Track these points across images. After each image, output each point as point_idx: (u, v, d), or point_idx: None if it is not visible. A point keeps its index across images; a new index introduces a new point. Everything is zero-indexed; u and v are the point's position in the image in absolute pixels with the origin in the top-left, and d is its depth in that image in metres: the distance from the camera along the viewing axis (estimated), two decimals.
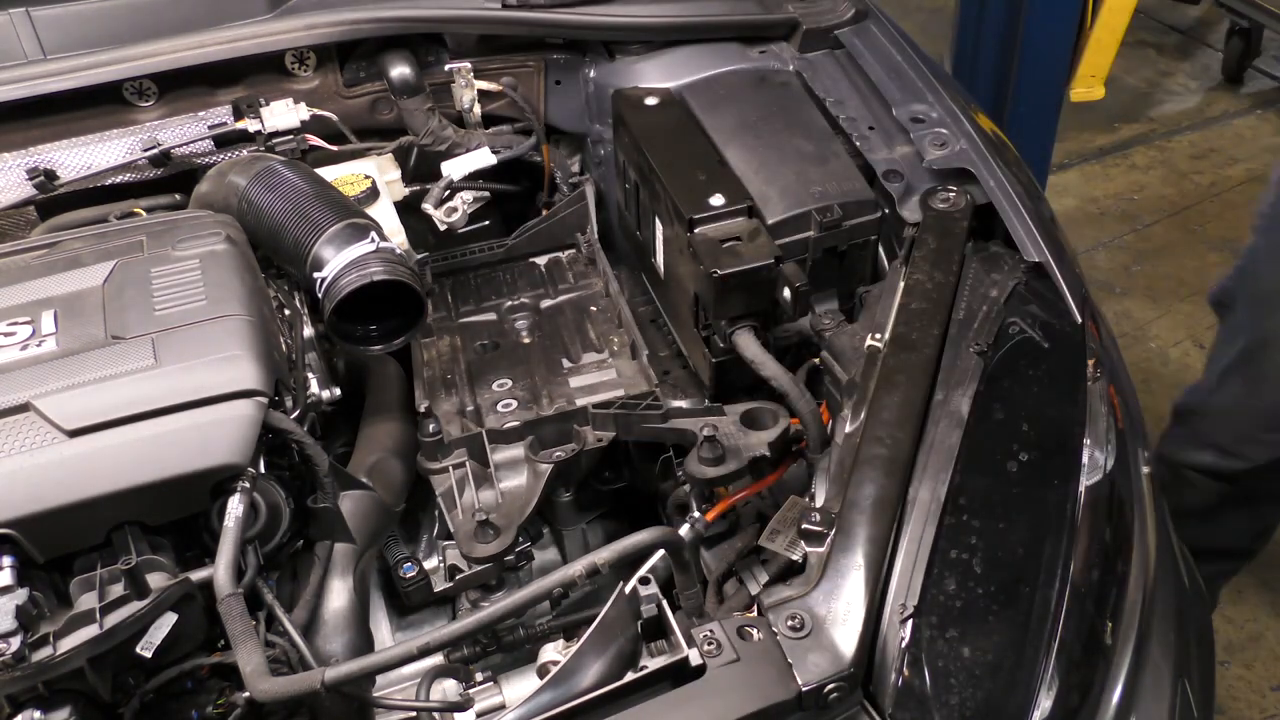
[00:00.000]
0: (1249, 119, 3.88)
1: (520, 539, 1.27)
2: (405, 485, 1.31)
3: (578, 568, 0.92)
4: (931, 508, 0.97)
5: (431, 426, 1.28)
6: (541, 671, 1.01)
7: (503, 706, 1.03)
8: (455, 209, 1.57)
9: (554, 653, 1.01)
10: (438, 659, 1.16)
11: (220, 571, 0.95)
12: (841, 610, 0.89)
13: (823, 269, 1.32)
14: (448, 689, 1.08)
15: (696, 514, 1.19)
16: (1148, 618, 1.01)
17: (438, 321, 1.55)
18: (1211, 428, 1.84)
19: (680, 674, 0.85)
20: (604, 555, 0.93)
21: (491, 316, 1.57)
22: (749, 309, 1.28)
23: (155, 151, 1.46)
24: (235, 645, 0.92)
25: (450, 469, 1.28)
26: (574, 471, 1.32)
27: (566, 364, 1.45)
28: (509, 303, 1.58)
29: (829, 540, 0.95)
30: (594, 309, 1.55)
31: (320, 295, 1.20)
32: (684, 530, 1.17)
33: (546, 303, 1.58)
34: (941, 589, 0.91)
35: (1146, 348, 2.95)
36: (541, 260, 1.68)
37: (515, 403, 1.38)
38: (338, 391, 1.24)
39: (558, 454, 1.29)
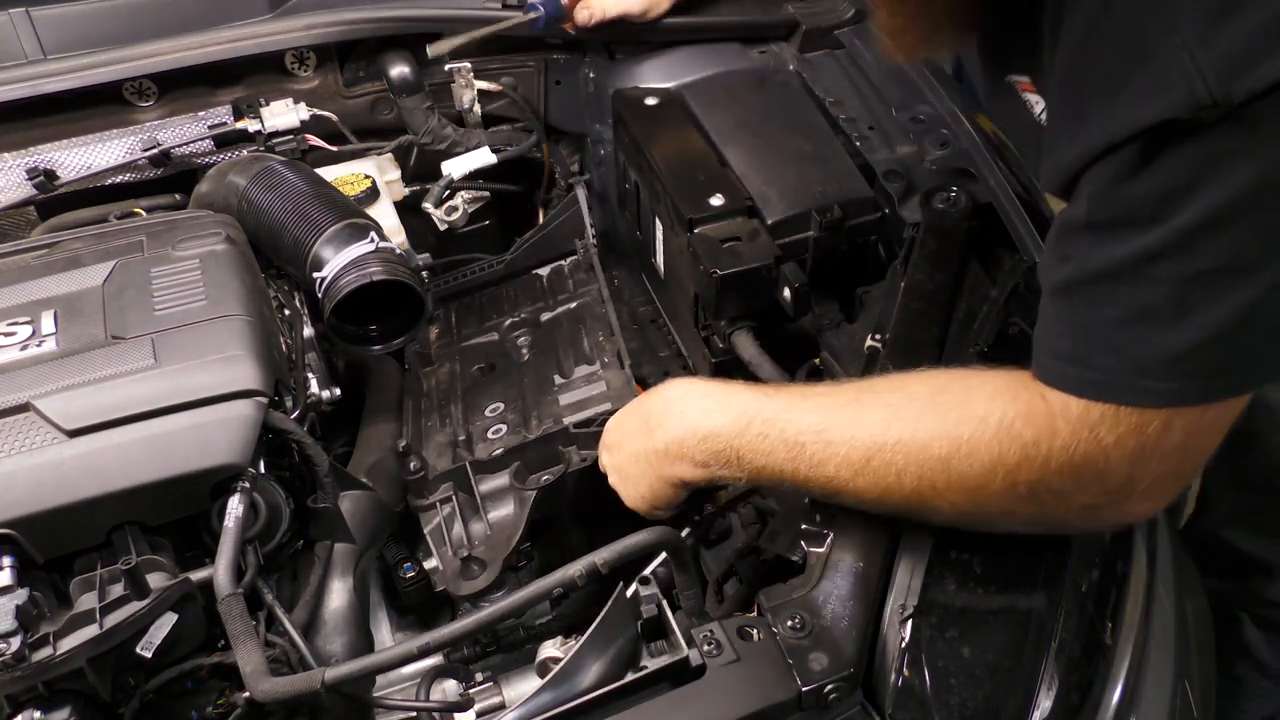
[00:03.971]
0: None
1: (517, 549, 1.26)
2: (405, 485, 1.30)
3: (578, 568, 0.92)
4: None
5: (413, 464, 1.25)
6: (540, 668, 1.01)
7: (503, 706, 1.03)
8: (455, 208, 1.57)
9: (553, 649, 1.01)
10: (438, 659, 1.16)
11: (220, 571, 0.95)
12: (841, 610, 0.89)
13: (823, 269, 1.32)
14: (448, 689, 1.08)
15: (696, 515, 1.19)
16: (1147, 618, 1.01)
17: (440, 348, 1.53)
18: None
19: (680, 674, 0.85)
20: (604, 556, 0.93)
21: (493, 337, 1.55)
22: (749, 309, 1.28)
23: (155, 151, 1.46)
24: (235, 645, 0.92)
25: (438, 505, 1.27)
26: (560, 495, 1.29)
27: (558, 379, 1.43)
28: (509, 320, 1.57)
29: (829, 541, 0.95)
30: (591, 318, 1.54)
31: (320, 295, 1.20)
32: (684, 531, 1.17)
33: (546, 315, 1.57)
34: (941, 589, 0.91)
35: None
36: (544, 271, 1.67)
37: (505, 427, 1.35)
38: (338, 391, 1.24)
39: (545, 478, 1.27)
